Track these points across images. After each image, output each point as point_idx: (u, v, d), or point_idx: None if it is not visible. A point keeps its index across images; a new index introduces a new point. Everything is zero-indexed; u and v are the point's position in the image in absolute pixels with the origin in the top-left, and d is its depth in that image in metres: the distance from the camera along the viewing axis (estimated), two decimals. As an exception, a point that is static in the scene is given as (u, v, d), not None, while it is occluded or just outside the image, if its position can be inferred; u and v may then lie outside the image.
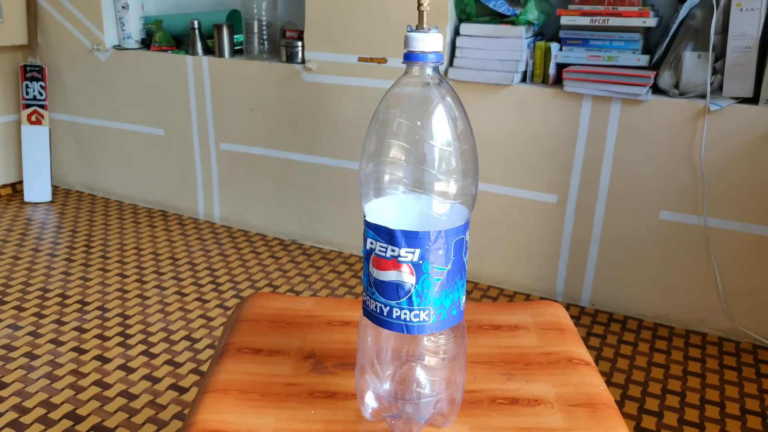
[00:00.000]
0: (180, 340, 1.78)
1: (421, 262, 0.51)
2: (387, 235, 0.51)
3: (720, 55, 1.72)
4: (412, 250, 0.51)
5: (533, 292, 2.09)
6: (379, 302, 0.53)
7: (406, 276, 0.51)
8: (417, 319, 0.52)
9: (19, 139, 2.87)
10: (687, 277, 1.85)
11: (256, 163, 2.45)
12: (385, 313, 0.53)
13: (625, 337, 1.85)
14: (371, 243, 0.53)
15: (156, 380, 1.60)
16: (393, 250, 0.51)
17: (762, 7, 1.64)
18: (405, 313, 0.52)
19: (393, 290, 0.52)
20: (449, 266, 0.52)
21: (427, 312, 0.52)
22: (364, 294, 0.55)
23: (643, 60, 1.81)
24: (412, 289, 0.51)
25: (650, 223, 1.86)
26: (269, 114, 2.36)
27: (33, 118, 2.77)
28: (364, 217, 0.54)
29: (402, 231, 0.50)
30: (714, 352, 1.78)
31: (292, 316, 0.76)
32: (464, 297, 0.56)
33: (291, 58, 2.28)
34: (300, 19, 2.25)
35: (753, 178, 1.71)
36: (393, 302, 0.52)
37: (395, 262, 0.51)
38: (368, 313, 0.55)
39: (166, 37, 2.53)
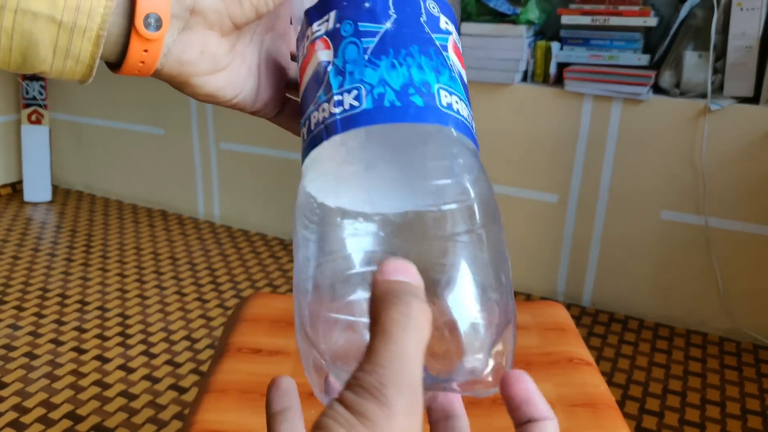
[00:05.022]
0: (180, 340, 1.78)
1: (338, 25, 0.34)
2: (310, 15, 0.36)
3: (721, 54, 1.72)
4: (326, 16, 0.35)
5: (534, 292, 2.08)
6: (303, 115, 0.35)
7: (322, 53, 0.34)
8: (339, 109, 0.32)
9: (19, 139, 2.87)
10: (688, 277, 1.85)
11: (256, 163, 2.45)
12: (308, 127, 0.34)
13: (626, 337, 1.85)
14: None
15: (156, 380, 1.60)
16: (311, 32, 0.35)
17: (762, 6, 1.63)
18: (323, 109, 0.33)
19: (311, 88, 0.34)
20: (388, 24, 0.34)
21: (354, 94, 0.33)
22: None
23: (644, 59, 1.80)
24: (330, 67, 0.33)
25: (651, 223, 1.85)
26: (269, 114, 2.35)
27: (33, 118, 2.77)
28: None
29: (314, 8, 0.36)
30: (715, 352, 1.78)
31: (292, 316, 0.76)
32: (443, 86, 0.33)
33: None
34: (300, 18, 2.25)
35: (754, 177, 1.71)
36: (311, 108, 0.34)
37: (312, 48, 0.35)
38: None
39: (166, 37, 2.53)
